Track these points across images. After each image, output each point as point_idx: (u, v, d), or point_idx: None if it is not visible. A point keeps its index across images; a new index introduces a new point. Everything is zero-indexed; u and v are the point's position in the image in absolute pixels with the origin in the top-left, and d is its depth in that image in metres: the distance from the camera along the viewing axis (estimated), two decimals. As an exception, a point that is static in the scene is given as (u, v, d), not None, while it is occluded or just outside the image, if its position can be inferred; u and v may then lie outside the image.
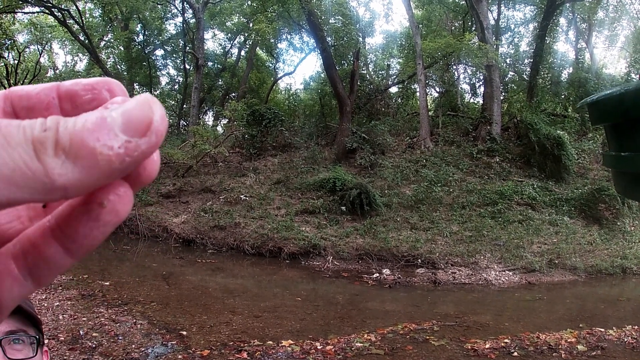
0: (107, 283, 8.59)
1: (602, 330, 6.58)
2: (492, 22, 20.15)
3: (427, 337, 6.42)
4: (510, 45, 22.89)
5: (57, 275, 0.26)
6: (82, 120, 0.24)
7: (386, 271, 10.40)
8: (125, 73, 24.59)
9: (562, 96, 19.90)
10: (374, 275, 10.25)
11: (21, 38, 22.61)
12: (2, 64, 21.40)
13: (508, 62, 21.66)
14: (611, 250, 11.20)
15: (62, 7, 17.14)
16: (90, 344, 5.65)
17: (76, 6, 18.08)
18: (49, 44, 25.30)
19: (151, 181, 0.28)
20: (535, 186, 13.45)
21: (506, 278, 10.04)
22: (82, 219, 0.26)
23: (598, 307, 8.61)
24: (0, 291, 0.26)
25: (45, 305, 6.82)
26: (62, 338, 5.76)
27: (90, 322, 6.32)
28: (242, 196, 13.77)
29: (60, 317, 6.39)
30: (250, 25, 22.63)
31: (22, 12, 18.69)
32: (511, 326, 7.14)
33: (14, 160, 0.23)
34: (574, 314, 8.12)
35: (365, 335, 6.39)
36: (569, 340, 6.15)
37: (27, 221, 0.29)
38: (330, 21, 18.85)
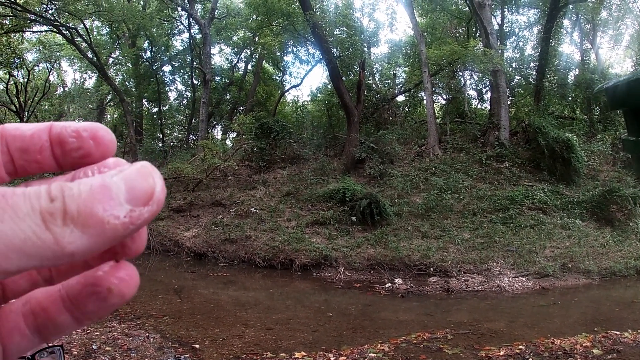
0: (119, 298, 8.64)
1: (618, 333, 6.48)
2: (496, 27, 20.18)
3: (441, 346, 6.36)
4: (516, 50, 22.85)
5: (63, 335, 0.29)
6: (86, 187, 0.25)
7: (398, 280, 10.35)
8: (133, 89, 24.94)
9: (570, 98, 19.78)
10: (386, 285, 10.20)
11: (30, 56, 23.08)
12: (12, 82, 21.83)
13: (514, 66, 21.59)
14: (624, 251, 11.04)
15: (70, 25, 17.48)
16: (103, 358, 5.69)
17: (84, 24, 18.44)
18: (57, 62, 25.75)
19: (139, 253, 0.30)
20: (545, 190, 13.34)
21: (519, 284, 9.94)
22: (92, 298, 0.28)
23: (613, 310, 8.48)
24: (9, 344, 0.28)
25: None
26: (76, 352, 5.80)
27: (103, 337, 6.37)
28: (252, 209, 13.83)
29: (73, 331, 6.44)
30: (256, 39, 22.92)
31: (30, 31, 19.07)
32: (525, 332, 7.05)
33: (24, 231, 0.24)
34: (588, 317, 8.00)
35: (379, 346, 6.35)
36: (584, 344, 6.06)
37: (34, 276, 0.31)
38: (335, 33, 18.98)
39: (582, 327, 7.01)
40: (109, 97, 25.12)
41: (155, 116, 26.75)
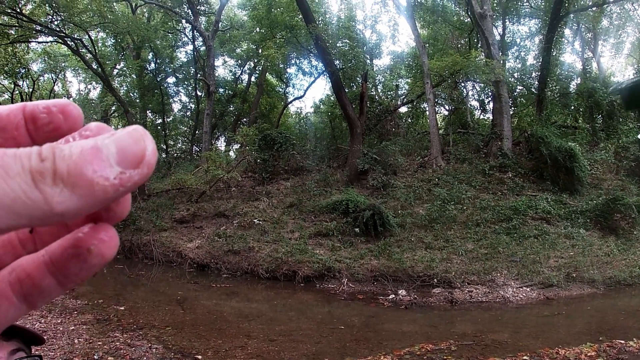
0: (122, 308, 8.65)
1: (622, 342, 6.42)
2: (498, 37, 20.29)
3: (445, 357, 6.32)
4: (517, 60, 22.98)
5: (49, 301, 0.31)
6: (77, 149, 0.26)
7: (402, 292, 10.30)
8: (138, 100, 25.12)
9: (572, 107, 19.80)
10: (390, 297, 10.15)
11: (35, 67, 23.33)
12: (17, 92, 22.03)
13: (516, 76, 21.66)
14: (629, 260, 10.95)
15: (75, 36, 17.66)
16: (105, 369, 5.68)
17: (89, 35, 18.64)
18: (62, 73, 26.02)
19: (124, 218, 0.32)
20: (549, 200, 13.30)
21: (524, 294, 9.87)
22: (73, 260, 0.28)
23: (618, 319, 8.40)
24: None
25: (61, 329, 6.88)
26: (78, 363, 5.80)
27: (105, 346, 6.36)
28: (255, 220, 13.84)
29: (76, 340, 6.44)
30: (260, 51, 23.09)
31: (36, 42, 19.25)
32: (530, 343, 6.99)
33: (14, 190, 0.24)
34: (593, 327, 7.93)
35: (382, 357, 6.31)
36: (589, 354, 6.00)
37: (17, 246, 0.33)
38: (338, 45, 19.12)
39: (586, 337, 6.95)
40: (113, 108, 25.29)
41: (159, 127, 26.92)
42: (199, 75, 23.67)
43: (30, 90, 22.18)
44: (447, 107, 22.50)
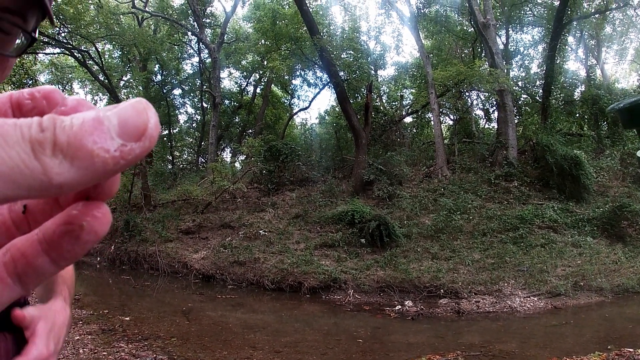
0: (128, 318, 8.64)
1: (631, 350, 6.33)
2: (501, 46, 20.34)
3: (452, 369, 6.26)
4: (521, 68, 23.02)
5: (43, 281, 0.32)
6: (79, 120, 0.26)
7: (408, 303, 10.23)
8: (144, 111, 25.26)
9: (577, 115, 19.76)
10: (396, 308, 10.08)
11: (42, 78, 23.47)
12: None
13: (520, 85, 21.67)
14: (637, 267, 10.81)
15: (82, 48, 17.88)
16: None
17: (95, 48, 18.86)
18: (69, 84, 26.20)
19: (112, 195, 0.32)
20: (555, 208, 13.21)
21: (531, 304, 9.77)
22: (65, 237, 0.28)
23: (626, 327, 8.28)
24: None
25: (66, 339, 6.88)
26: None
27: (110, 357, 6.34)
28: (261, 231, 13.84)
29: (81, 350, 6.43)
30: (265, 63, 23.27)
31: (43, 53, 19.47)
32: (538, 353, 6.91)
33: (13, 159, 0.24)
34: (602, 335, 7.84)
35: (388, 369, 6.26)
36: (597, 363, 5.93)
37: (11, 227, 0.33)
38: (342, 56, 19.23)
39: (595, 346, 6.86)
40: (120, 120, 25.47)
41: (165, 139, 27.08)
42: (204, 87, 23.86)
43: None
44: (451, 117, 22.50)
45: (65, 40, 17.01)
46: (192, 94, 27.69)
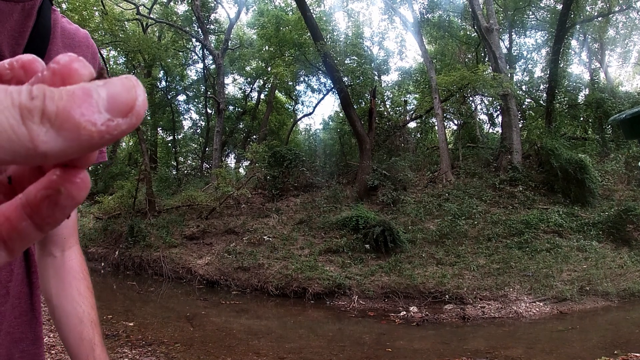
0: (131, 324, 8.64)
1: (638, 355, 6.27)
2: (505, 51, 20.36)
3: (457, 375, 6.22)
4: (525, 73, 22.99)
5: (28, 246, 0.32)
6: (68, 92, 0.26)
7: (413, 309, 10.18)
8: (149, 118, 25.40)
9: (581, 119, 19.72)
10: (401, 314, 10.03)
11: (47, 84, 23.63)
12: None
13: (524, 89, 21.65)
14: (643, 271, 10.76)
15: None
16: (115, 388, 5.66)
17: (100, 54, 18.87)
18: (74, 89, 26.35)
19: (91, 164, 0.32)
20: (560, 212, 13.14)
21: (537, 309, 9.70)
22: (45, 201, 0.28)
23: (633, 332, 8.21)
24: None
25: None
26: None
27: (114, 364, 6.35)
28: (265, 237, 13.84)
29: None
30: (269, 69, 23.36)
31: (48, 59, 19.65)
32: (544, 358, 6.86)
33: (1, 124, 0.24)
34: (608, 340, 7.76)
35: (393, 375, 6.23)
36: (604, 369, 5.89)
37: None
38: (346, 62, 19.28)
39: (601, 351, 6.81)
40: (124, 126, 25.57)
41: (169, 144, 27.21)
42: (209, 93, 23.96)
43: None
44: (455, 122, 22.48)
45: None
46: (196, 100, 27.81)
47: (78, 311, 1.23)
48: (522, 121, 19.82)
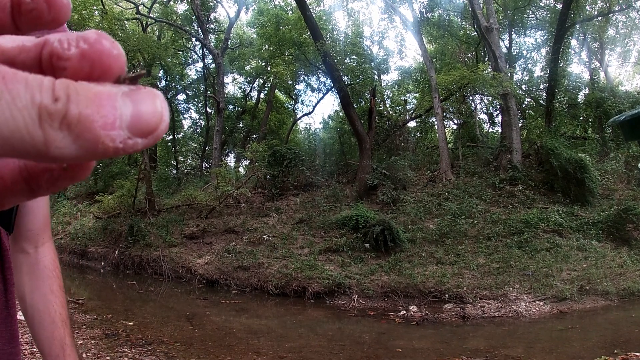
0: (131, 323, 8.64)
1: (638, 354, 6.27)
2: (505, 50, 20.33)
3: (457, 374, 6.22)
4: (525, 72, 22.97)
5: (16, 204, 0.31)
6: (94, 98, 0.24)
7: (413, 308, 10.18)
8: (149, 117, 25.35)
9: (581, 118, 19.72)
10: (401, 313, 10.03)
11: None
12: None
13: (523, 88, 21.64)
14: (642, 271, 10.76)
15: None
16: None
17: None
18: (74, 89, 26.34)
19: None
20: (560, 212, 13.14)
21: (537, 308, 9.70)
22: (46, 174, 0.28)
23: (633, 331, 8.20)
24: None
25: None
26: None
27: (113, 362, 6.34)
28: (265, 236, 13.83)
29: (84, 355, 6.42)
30: (269, 68, 23.35)
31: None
32: (544, 358, 6.86)
33: (16, 122, 0.23)
34: (608, 340, 7.76)
35: (393, 374, 6.23)
36: (603, 368, 5.89)
37: None
38: (346, 61, 19.27)
39: (601, 350, 6.80)
40: (125, 125, 25.55)
41: (169, 144, 27.19)
42: (208, 92, 23.95)
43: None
44: (455, 121, 22.49)
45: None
46: (196, 100, 27.82)
47: (50, 310, 1.23)
48: (522, 120, 19.82)
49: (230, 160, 27.82)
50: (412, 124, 23.03)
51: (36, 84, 0.24)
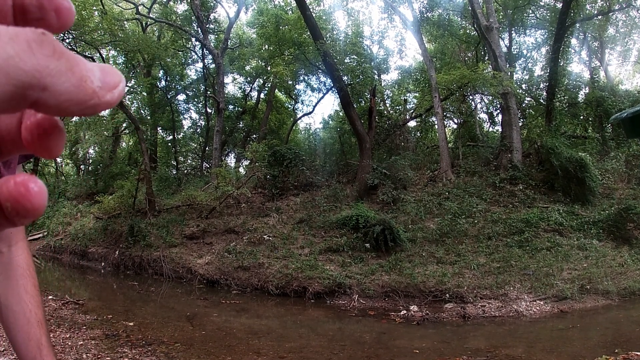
0: (131, 323, 8.63)
1: (638, 353, 6.26)
2: (505, 49, 20.31)
3: (458, 374, 6.21)
4: (525, 71, 22.97)
5: (13, 156, 0.32)
6: (72, 54, 0.28)
7: (414, 307, 10.17)
8: (148, 117, 25.39)
9: (581, 117, 19.71)
10: (402, 313, 10.02)
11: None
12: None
13: (524, 88, 21.65)
14: (643, 270, 10.74)
15: (87, 54, 17.99)
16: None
17: (100, 54, 19.02)
18: (73, 90, 26.31)
19: (57, 155, 0.33)
20: (561, 211, 13.14)
21: (537, 308, 9.69)
22: (38, 131, 0.30)
23: (634, 330, 8.19)
24: None
25: (69, 344, 6.86)
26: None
27: (114, 363, 6.33)
28: (265, 236, 13.83)
29: (84, 355, 6.41)
30: (268, 68, 23.33)
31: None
32: (544, 357, 6.85)
33: (7, 52, 0.24)
34: (609, 339, 7.76)
35: (394, 374, 6.22)
36: (604, 367, 5.87)
37: None
38: (346, 61, 19.26)
39: (602, 350, 6.79)
40: (124, 125, 25.57)
41: (169, 144, 27.20)
42: (208, 92, 23.95)
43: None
44: (455, 120, 22.49)
45: (69, 47, 17.11)
46: (196, 100, 27.79)
47: (26, 311, 1.22)
48: (522, 120, 19.82)
49: (231, 161, 27.87)
50: (412, 123, 23.04)
51: (21, 28, 0.26)
